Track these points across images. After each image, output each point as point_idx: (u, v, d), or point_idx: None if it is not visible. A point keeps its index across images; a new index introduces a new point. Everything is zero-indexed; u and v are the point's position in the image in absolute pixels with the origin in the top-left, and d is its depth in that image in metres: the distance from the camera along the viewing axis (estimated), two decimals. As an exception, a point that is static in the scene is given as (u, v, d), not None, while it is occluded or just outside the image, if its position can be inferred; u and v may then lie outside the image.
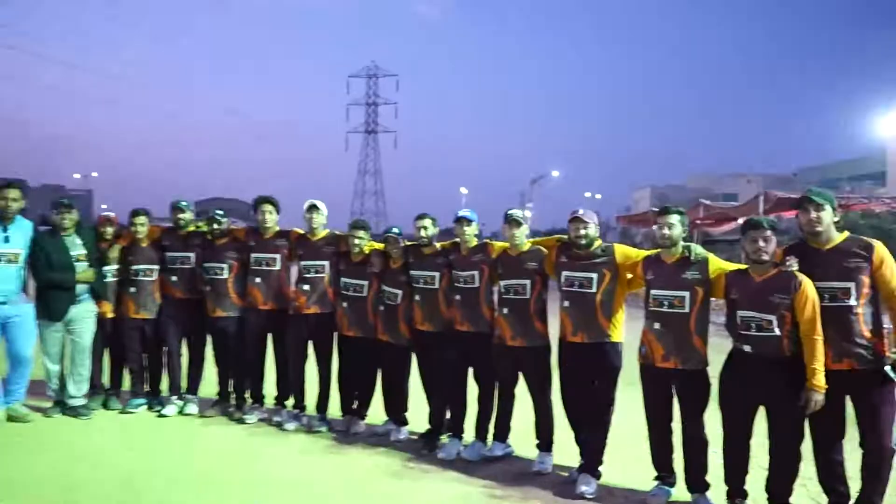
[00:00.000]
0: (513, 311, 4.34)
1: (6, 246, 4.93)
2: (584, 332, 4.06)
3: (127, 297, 5.42)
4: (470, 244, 4.61)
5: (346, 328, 5.08)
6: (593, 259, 4.09)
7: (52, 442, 4.76)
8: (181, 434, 5.00)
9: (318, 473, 4.23)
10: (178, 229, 5.49)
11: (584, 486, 3.89)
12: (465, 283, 4.56)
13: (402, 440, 4.89)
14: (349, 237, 5.03)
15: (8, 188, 5.00)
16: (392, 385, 5.04)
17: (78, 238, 5.26)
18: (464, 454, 4.50)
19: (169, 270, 5.43)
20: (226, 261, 5.27)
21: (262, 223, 5.23)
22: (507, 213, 4.42)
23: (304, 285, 5.10)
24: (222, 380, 5.51)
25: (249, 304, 5.26)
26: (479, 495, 3.90)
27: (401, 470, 4.33)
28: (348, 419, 5.17)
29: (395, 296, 4.88)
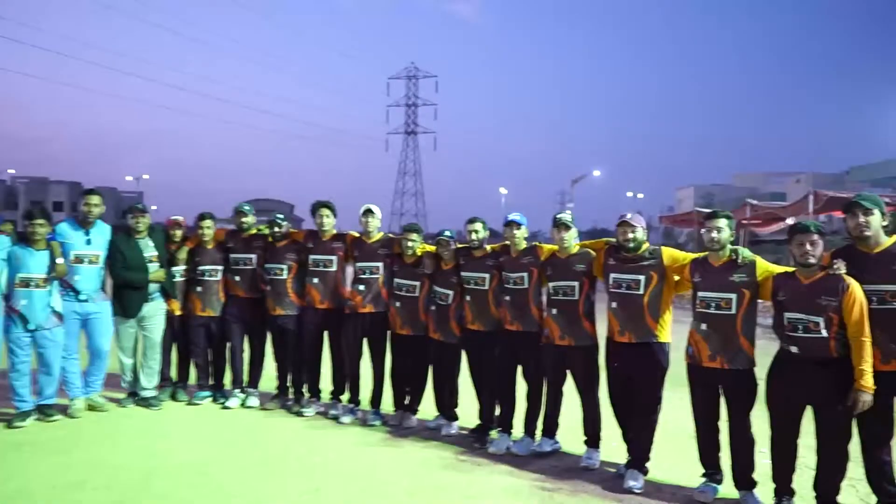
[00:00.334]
0: (561, 312, 4.49)
1: (88, 248, 5.33)
2: (631, 333, 4.19)
3: (194, 296, 5.77)
4: (519, 247, 4.78)
5: (398, 327, 5.30)
6: (641, 262, 4.21)
7: (127, 430, 5.12)
8: (244, 425, 5.31)
9: (373, 464, 4.46)
10: (240, 232, 5.82)
11: (631, 481, 4.02)
12: (514, 284, 4.73)
13: (452, 434, 5.10)
14: (402, 240, 5.25)
15: (90, 195, 5.41)
16: (443, 381, 5.25)
17: (150, 240, 5.63)
18: (513, 449, 4.68)
19: (232, 271, 5.76)
20: (285, 262, 5.57)
21: (320, 226, 5.51)
22: (556, 216, 4.58)
23: (359, 285, 5.35)
24: (281, 374, 5.82)
25: (307, 303, 5.54)
26: (529, 488, 4.07)
27: (453, 462, 4.53)
28: (401, 414, 5.39)
29: (446, 296, 5.09)
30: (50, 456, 4.44)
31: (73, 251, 5.25)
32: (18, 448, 4.56)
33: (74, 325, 5.31)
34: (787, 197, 31.64)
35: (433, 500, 3.86)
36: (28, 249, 4.98)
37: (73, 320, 5.29)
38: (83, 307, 5.32)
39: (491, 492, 4.01)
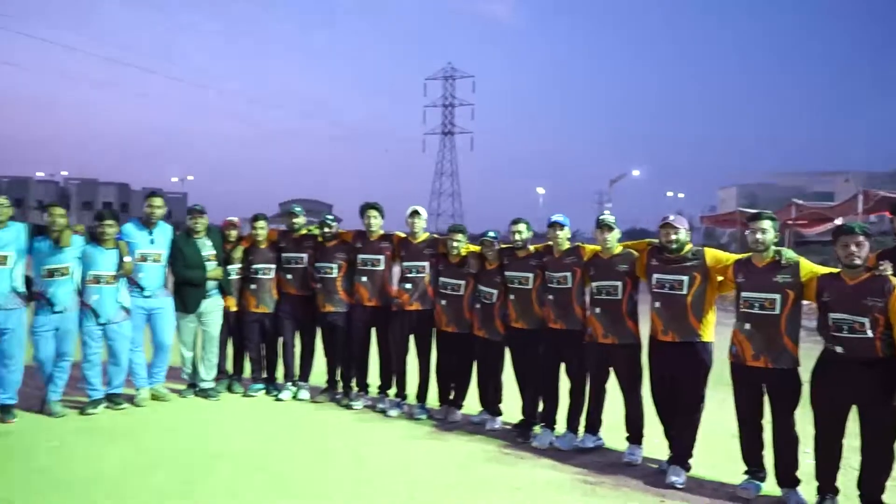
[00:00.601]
0: (604, 311, 4.60)
1: (152, 247, 5.66)
2: (674, 332, 4.27)
3: (248, 293, 6.06)
4: (563, 247, 4.91)
5: (444, 324, 5.48)
6: (684, 262, 4.29)
7: (188, 419, 5.42)
8: (296, 417, 5.56)
9: (420, 456, 4.64)
10: (292, 232, 6.08)
11: (674, 477, 4.11)
12: (557, 283, 4.86)
13: (496, 429, 5.25)
14: (448, 240, 5.43)
15: (153, 197, 5.74)
16: (487, 378, 5.40)
17: (208, 240, 5.93)
18: (556, 443, 4.81)
19: (284, 269, 6.02)
20: (335, 261, 5.80)
21: (368, 227, 5.72)
22: (599, 218, 4.69)
23: (406, 284, 5.55)
24: (331, 369, 6.06)
25: (356, 300, 5.77)
26: (572, 481, 4.19)
27: (497, 456, 4.68)
28: (445, 408, 5.57)
29: (490, 295, 5.24)
30: (120, 441, 4.76)
31: (138, 250, 5.59)
32: (92, 433, 4.90)
33: (140, 319, 5.64)
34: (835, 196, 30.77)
35: (479, 491, 4.01)
36: (98, 248, 5.32)
37: (139, 315, 5.62)
38: (148, 303, 5.65)
39: (535, 484, 4.14)
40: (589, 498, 3.93)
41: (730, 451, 4.37)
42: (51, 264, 5.13)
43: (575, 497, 3.94)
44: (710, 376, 4.31)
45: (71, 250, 5.19)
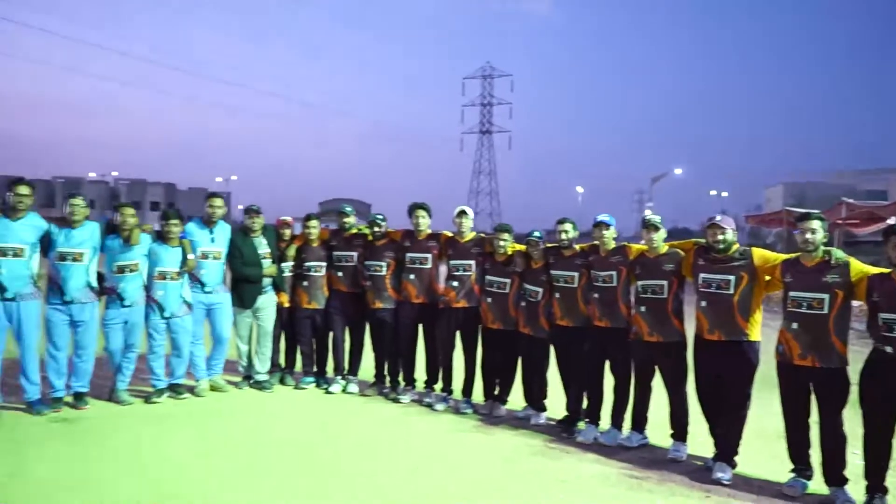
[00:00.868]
0: (650, 310, 4.68)
1: (212, 245, 5.96)
2: (720, 331, 4.32)
3: (300, 290, 6.31)
4: (608, 246, 5.00)
5: (489, 321, 5.62)
6: (731, 262, 4.33)
7: (245, 409, 5.69)
8: (346, 409, 5.78)
9: (467, 448, 4.79)
10: (342, 231, 6.30)
11: (720, 473, 4.16)
12: (603, 282, 4.95)
13: (541, 424, 5.36)
14: (494, 239, 5.57)
15: (214, 198, 6.04)
16: (532, 374, 5.52)
17: (263, 239, 6.21)
18: (601, 439, 4.90)
19: (335, 267, 6.25)
20: (384, 259, 6.00)
21: (416, 226, 5.90)
22: (646, 218, 4.77)
23: (453, 282, 5.71)
24: (379, 364, 6.27)
25: (404, 297, 5.95)
26: (618, 475, 4.29)
27: (542, 449, 4.80)
28: (490, 403, 5.71)
29: (535, 293, 5.36)
30: (185, 428, 5.05)
31: (200, 248, 5.89)
32: (161, 420, 5.21)
33: (200, 313, 5.95)
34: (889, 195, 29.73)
35: (526, 483, 4.14)
36: (164, 246, 5.64)
37: (200, 309, 5.93)
38: (208, 298, 5.95)
39: (581, 478, 4.25)
40: (635, 492, 4.02)
41: (776, 452, 4.40)
42: (121, 261, 5.46)
43: (621, 490, 4.04)
44: (757, 377, 4.35)
45: (140, 248, 5.51)
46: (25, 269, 5.05)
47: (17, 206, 5.02)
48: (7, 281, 4.95)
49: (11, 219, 5.02)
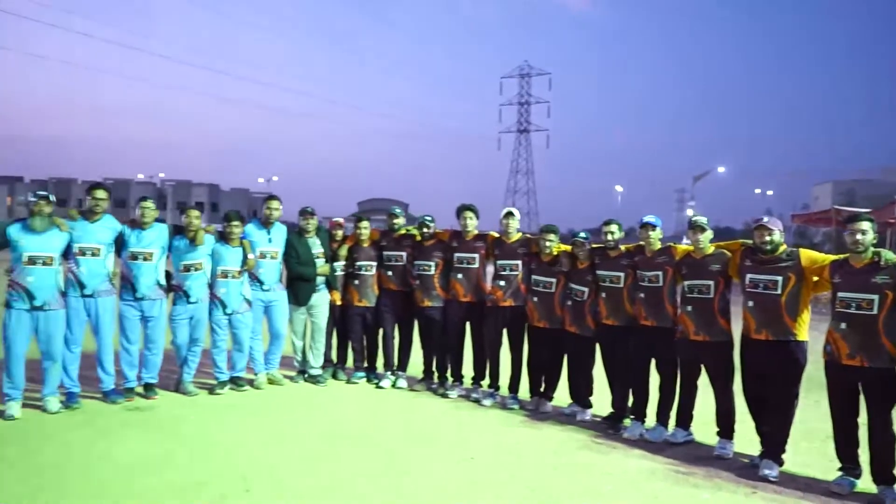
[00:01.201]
0: (696, 309, 4.77)
1: (270, 245, 6.27)
2: (767, 330, 4.39)
3: (352, 288, 6.57)
4: (654, 247, 5.10)
5: (535, 320, 5.78)
6: (778, 263, 4.40)
7: (301, 401, 5.97)
8: (396, 403, 6.01)
9: (518, 441, 4.96)
10: (392, 232, 6.54)
11: (767, 470, 4.24)
12: (649, 282, 5.06)
13: (586, 420, 5.49)
14: (540, 239, 5.73)
15: (272, 200, 6.35)
16: (578, 372, 5.66)
17: (317, 239, 6.49)
18: (647, 436, 5.01)
19: (385, 266, 6.49)
20: (433, 259, 6.22)
21: (464, 227, 6.10)
22: (692, 219, 4.87)
23: (500, 281, 5.88)
24: (427, 360, 6.49)
25: (452, 296, 6.15)
26: (665, 471, 4.40)
27: (590, 444, 4.94)
28: (536, 400, 5.87)
29: (581, 293, 5.50)
30: (248, 418, 5.35)
31: (258, 248, 6.20)
32: (224, 410, 5.53)
33: (259, 310, 6.26)
34: (945, 193, 28.58)
35: (575, 475, 4.29)
36: (227, 246, 5.96)
37: (258, 306, 6.24)
38: (266, 296, 6.26)
39: (628, 471, 4.38)
40: (681, 486, 4.13)
41: (824, 451, 4.46)
42: (187, 260, 5.80)
43: (667, 485, 4.15)
44: (806, 378, 4.41)
45: (204, 248, 5.85)
46: (102, 267, 5.42)
47: (94, 209, 5.40)
48: (86, 279, 5.32)
49: (90, 221, 5.40)
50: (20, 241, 5.02)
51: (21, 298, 5.02)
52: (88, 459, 4.27)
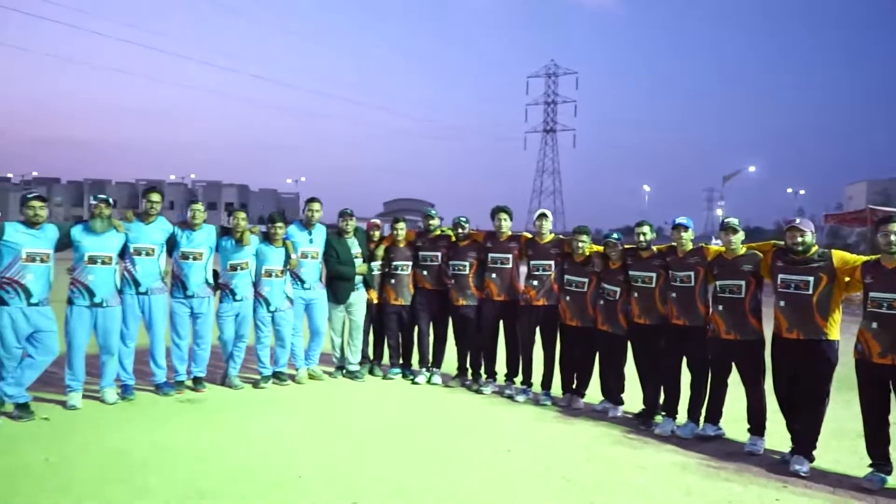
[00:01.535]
0: (727, 309, 4.88)
1: (311, 246, 6.52)
2: (798, 330, 4.49)
3: (388, 287, 6.80)
4: (686, 248, 5.23)
5: (568, 318, 5.93)
6: (810, 263, 4.49)
7: (340, 395, 6.21)
8: (432, 398, 6.21)
9: (551, 436, 5.12)
10: (428, 233, 6.75)
11: (797, 466, 4.34)
12: (681, 282, 5.18)
13: (618, 417, 5.64)
14: (573, 240, 5.88)
15: (313, 202, 6.60)
16: (610, 369, 5.80)
17: (356, 240, 6.73)
18: (678, 431, 5.13)
19: (421, 266, 6.71)
20: (467, 259, 6.41)
21: (498, 228, 6.28)
22: (725, 220, 4.98)
23: (533, 281, 6.05)
24: (461, 357, 6.69)
25: (486, 295, 6.34)
26: (696, 465, 4.53)
27: (621, 439, 5.09)
28: (569, 396, 6.03)
29: (613, 292, 5.64)
30: (294, 410, 5.61)
31: (300, 248, 6.46)
32: (268, 403, 5.80)
33: (300, 308, 6.53)
34: (985, 192, 27.84)
35: (609, 467, 4.44)
36: (270, 247, 6.24)
37: (299, 304, 6.51)
38: (307, 294, 6.52)
39: (660, 465, 4.52)
40: (712, 480, 4.25)
41: (855, 450, 4.54)
42: (234, 260, 6.09)
43: (698, 478, 4.28)
44: (838, 378, 4.49)
45: (249, 248, 6.13)
46: (156, 266, 5.73)
47: (149, 211, 5.71)
48: (141, 277, 5.63)
49: (145, 222, 5.71)
50: (82, 241, 5.35)
51: (82, 295, 5.34)
52: (150, 446, 4.55)
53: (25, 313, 4.98)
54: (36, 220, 5.05)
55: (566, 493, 3.97)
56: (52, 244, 5.15)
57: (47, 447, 4.44)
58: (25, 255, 4.95)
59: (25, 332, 5.01)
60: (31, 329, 5.03)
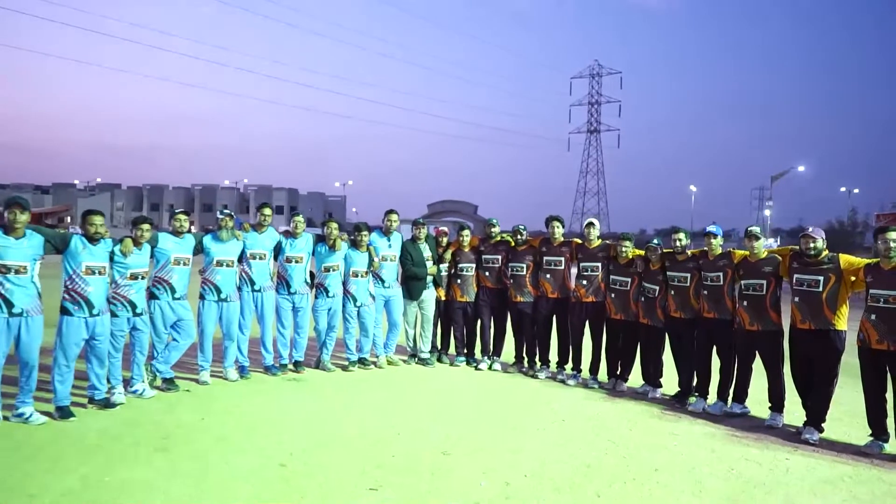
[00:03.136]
0: (751, 304, 5.74)
1: (389, 250, 7.63)
2: (811, 322, 5.33)
3: (455, 286, 7.84)
4: (715, 251, 6.11)
5: (613, 313, 6.86)
6: (821, 265, 5.33)
7: (415, 378, 7.27)
8: (494, 382, 7.22)
9: (600, 411, 6.06)
10: (489, 238, 7.77)
11: (808, 435, 5.20)
12: (711, 281, 6.06)
13: (657, 398, 6.54)
14: (618, 245, 6.81)
15: (391, 213, 7.70)
16: (650, 357, 6.71)
17: (426, 244, 7.80)
18: (709, 409, 6.02)
19: (483, 268, 7.73)
20: (525, 261, 7.40)
21: (552, 234, 7.25)
22: (748, 229, 5.85)
23: (583, 281, 7.01)
24: (518, 347, 7.68)
25: (541, 293, 7.32)
26: (723, 435, 5.41)
27: (660, 414, 6.00)
28: (614, 381, 6.96)
29: (653, 290, 6.55)
30: (381, 390, 6.69)
31: (381, 252, 7.57)
32: (356, 383, 6.91)
33: (380, 304, 7.64)
34: None
35: (647, 433, 5.37)
36: (356, 251, 7.36)
37: (380, 300, 7.62)
38: (386, 292, 7.63)
39: (692, 433, 5.42)
40: (735, 445, 5.14)
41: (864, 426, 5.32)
42: (327, 262, 7.23)
43: (722, 443, 5.17)
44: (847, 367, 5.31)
45: (340, 253, 7.27)
46: (267, 269, 6.92)
47: (262, 223, 6.90)
48: (255, 277, 6.82)
49: (258, 232, 6.90)
50: (211, 248, 6.56)
51: (211, 292, 6.56)
52: (276, 413, 5.69)
53: (171, 306, 6.20)
54: (181, 230, 6.28)
55: (611, 452, 4.92)
56: (192, 250, 6.38)
57: (198, 410, 5.64)
58: (173, 260, 6.18)
59: (171, 320, 6.24)
60: (175, 318, 6.25)
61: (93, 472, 4.13)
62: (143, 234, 5.81)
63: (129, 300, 5.74)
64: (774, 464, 4.70)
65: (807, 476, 4.47)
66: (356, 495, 3.93)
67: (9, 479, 4.00)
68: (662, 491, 4.14)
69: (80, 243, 5.37)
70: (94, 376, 5.58)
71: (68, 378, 5.34)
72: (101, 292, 5.46)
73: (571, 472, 4.42)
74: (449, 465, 4.48)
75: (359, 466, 4.39)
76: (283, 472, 4.25)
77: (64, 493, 3.83)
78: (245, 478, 4.13)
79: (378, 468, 4.38)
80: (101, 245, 5.47)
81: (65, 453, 4.47)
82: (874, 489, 4.27)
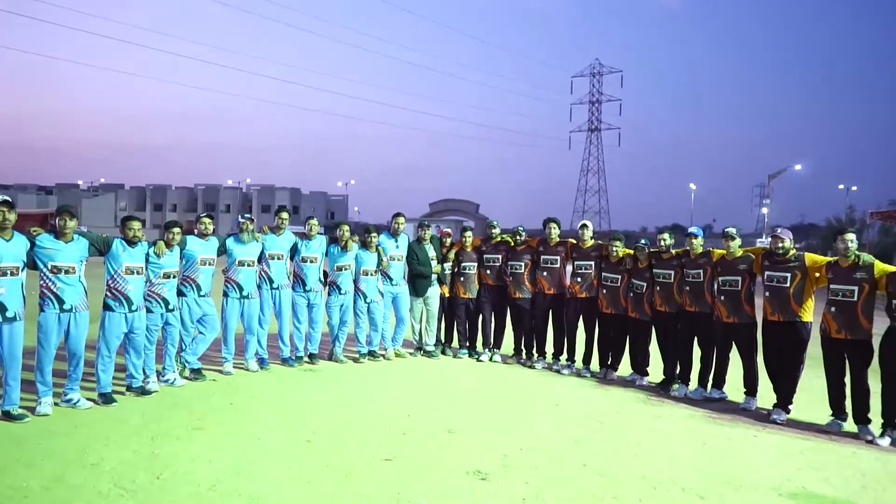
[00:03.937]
0: (728, 298, 6.32)
1: (397, 251, 8.21)
2: (780, 314, 5.91)
3: (458, 284, 8.42)
4: (697, 251, 6.68)
5: (604, 307, 7.44)
6: (788, 263, 5.91)
7: (420, 369, 7.85)
8: (494, 372, 7.79)
9: (591, 397, 6.64)
10: (490, 239, 8.35)
11: (775, 416, 5.78)
12: (693, 278, 6.64)
13: (644, 385, 7.12)
14: (609, 245, 7.39)
15: (399, 216, 8.28)
16: (638, 348, 7.29)
17: (431, 245, 8.38)
18: (690, 395, 6.60)
19: (485, 266, 8.31)
20: (523, 260, 7.98)
21: (549, 235, 7.83)
22: (725, 230, 6.44)
23: (577, 278, 7.58)
24: (517, 339, 8.26)
25: (538, 289, 7.90)
26: (701, 416, 5.99)
27: (645, 399, 6.58)
28: (605, 370, 7.54)
29: (641, 286, 7.12)
30: (390, 378, 7.28)
31: (389, 253, 8.15)
32: (367, 373, 7.49)
33: (388, 300, 8.22)
34: None
35: (633, 415, 5.95)
36: (366, 252, 7.94)
37: (388, 297, 8.20)
38: (394, 289, 8.21)
39: (673, 415, 6.00)
40: (710, 424, 5.72)
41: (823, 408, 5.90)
42: (339, 262, 7.82)
43: (700, 423, 5.75)
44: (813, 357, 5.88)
45: (351, 253, 7.85)
46: (284, 268, 7.51)
47: (280, 226, 7.49)
48: (274, 276, 7.41)
49: (276, 234, 7.49)
50: (233, 249, 7.15)
51: (234, 290, 7.14)
52: (297, 398, 6.28)
53: (198, 302, 6.79)
54: (206, 233, 6.87)
55: (599, 430, 5.50)
56: (216, 251, 6.96)
57: (226, 396, 6.23)
58: (200, 260, 6.76)
59: (197, 315, 6.82)
60: (200, 313, 6.83)
61: (142, 447, 4.72)
62: (174, 236, 6.40)
63: (163, 297, 6.33)
64: (743, 439, 5.29)
65: (770, 449, 5.06)
66: (374, 464, 4.51)
67: (68, 453, 4.59)
68: (640, 461, 4.72)
69: (121, 246, 5.96)
70: (131, 366, 6.16)
71: (110, 367, 5.93)
72: (139, 290, 6.05)
73: (561, 446, 5.00)
74: (454, 441, 5.07)
75: (375, 441, 4.98)
76: (310, 447, 4.84)
77: (121, 461, 4.42)
78: (277, 451, 4.73)
79: (391, 443, 4.97)
80: (138, 247, 6.05)
81: (113, 432, 5.06)
82: (827, 459, 4.85)
